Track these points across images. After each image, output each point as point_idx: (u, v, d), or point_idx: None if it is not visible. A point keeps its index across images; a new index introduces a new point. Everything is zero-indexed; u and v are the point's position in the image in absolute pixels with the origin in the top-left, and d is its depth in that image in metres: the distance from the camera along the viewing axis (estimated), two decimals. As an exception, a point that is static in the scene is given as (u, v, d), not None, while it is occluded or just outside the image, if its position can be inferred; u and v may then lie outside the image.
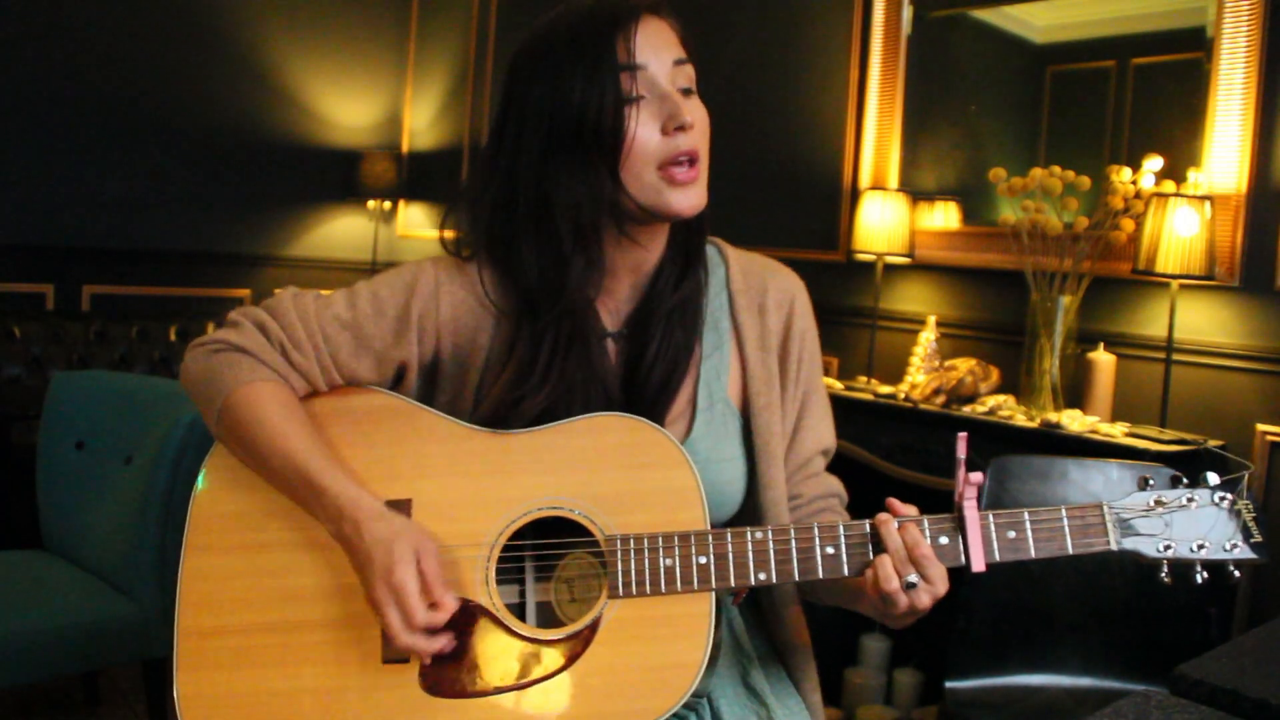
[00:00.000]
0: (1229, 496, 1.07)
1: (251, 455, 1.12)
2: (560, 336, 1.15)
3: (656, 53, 1.11)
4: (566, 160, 1.11)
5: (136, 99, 4.39)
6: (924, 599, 1.05)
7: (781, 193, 3.52)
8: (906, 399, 2.79)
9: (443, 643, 1.05)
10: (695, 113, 1.13)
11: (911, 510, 1.09)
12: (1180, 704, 1.00)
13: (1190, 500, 1.07)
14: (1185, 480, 1.09)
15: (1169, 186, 2.51)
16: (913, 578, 1.04)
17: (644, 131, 1.10)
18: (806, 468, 1.27)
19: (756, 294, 1.26)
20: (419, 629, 1.03)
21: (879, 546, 1.07)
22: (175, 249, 4.58)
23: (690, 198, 1.13)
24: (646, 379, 1.18)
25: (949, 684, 2.01)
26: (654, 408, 1.17)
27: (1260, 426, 2.48)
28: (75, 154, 4.27)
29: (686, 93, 1.14)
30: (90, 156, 4.31)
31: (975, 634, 2.04)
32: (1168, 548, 1.06)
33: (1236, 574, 1.07)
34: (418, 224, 5.15)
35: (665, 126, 1.10)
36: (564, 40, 1.11)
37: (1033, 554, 1.06)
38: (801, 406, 1.26)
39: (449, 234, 1.24)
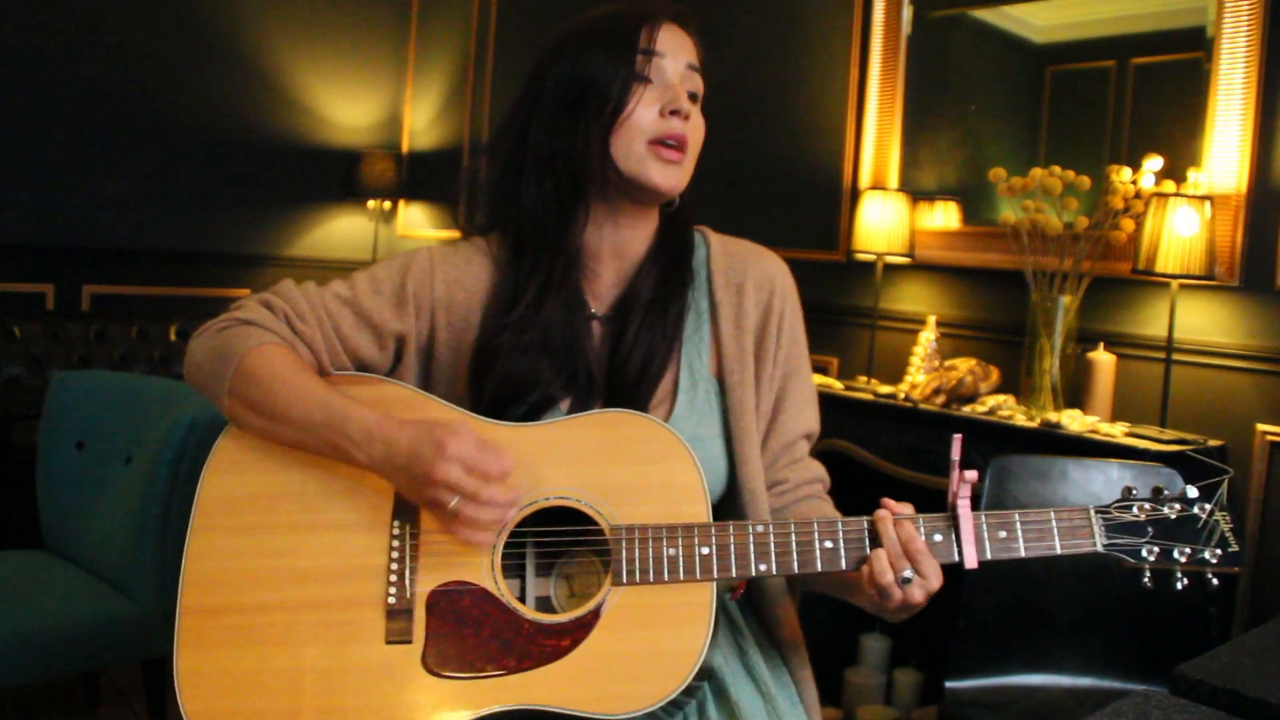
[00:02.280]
0: (1209, 506, 1.11)
1: (268, 416, 1.14)
2: (551, 281, 1.21)
3: (674, 51, 1.21)
4: (571, 118, 1.19)
5: (137, 99, 4.39)
6: (917, 594, 1.09)
7: (781, 193, 3.52)
8: (906, 399, 2.79)
9: (514, 496, 1.09)
10: (693, 115, 1.21)
11: (907, 509, 1.13)
12: (1180, 704, 1.00)
13: (1170, 508, 1.11)
14: (1166, 490, 1.13)
15: (1169, 186, 2.51)
16: (907, 573, 1.08)
17: (643, 108, 1.18)
18: (790, 452, 1.30)
19: (736, 273, 1.29)
20: (494, 479, 1.06)
21: (876, 542, 1.10)
22: (175, 249, 4.58)
23: (670, 176, 1.20)
24: (624, 366, 1.22)
25: (949, 684, 2.01)
26: (635, 393, 1.21)
27: (1260, 426, 2.48)
28: (75, 154, 4.27)
29: (692, 97, 1.22)
30: (90, 156, 4.31)
31: (975, 634, 2.04)
32: (1150, 553, 1.10)
33: (1215, 582, 1.10)
34: (418, 224, 5.15)
35: (663, 109, 1.19)
36: (593, 27, 1.21)
37: (1022, 553, 1.10)
38: (782, 389, 1.29)
39: (460, 222, 1.32)
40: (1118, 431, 2.43)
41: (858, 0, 3.31)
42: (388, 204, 5.12)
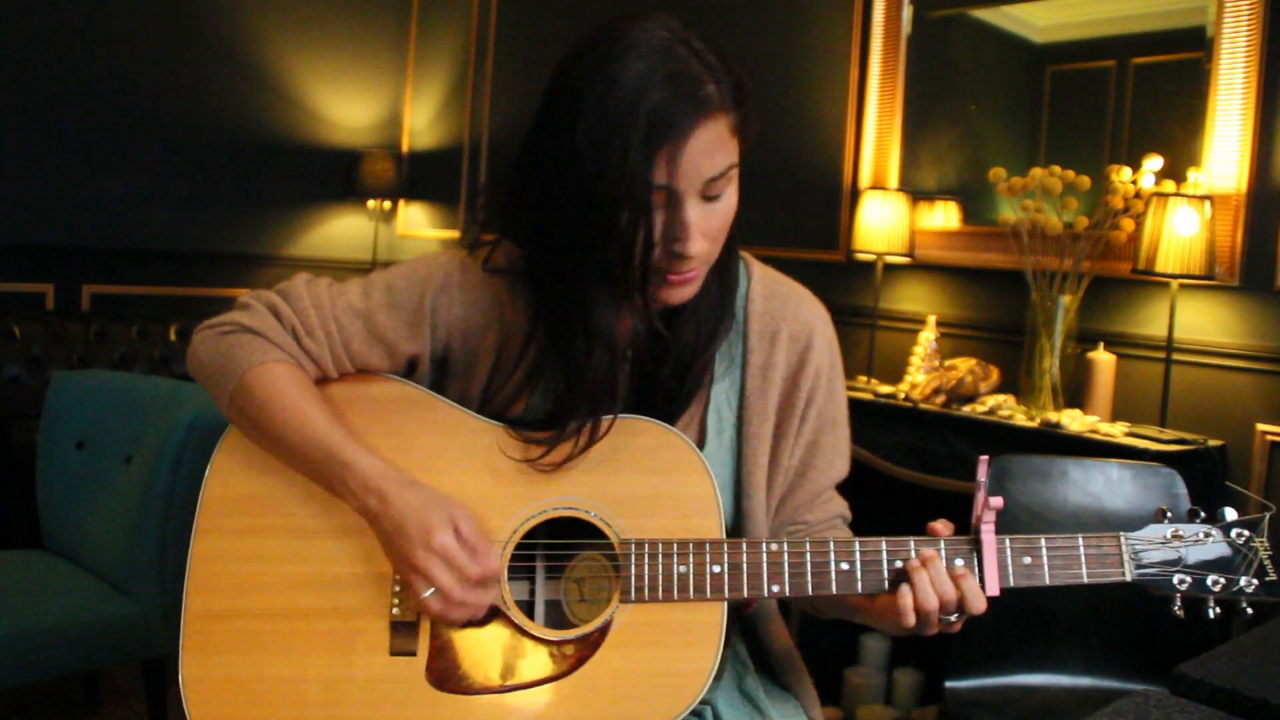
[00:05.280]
0: (1247, 534, 1.07)
1: (267, 436, 1.11)
2: (579, 362, 1.10)
3: (695, 173, 1.03)
4: (579, 237, 1.05)
5: (136, 99, 4.39)
6: (957, 625, 1.07)
7: (781, 193, 3.52)
8: (906, 399, 2.79)
9: (492, 595, 1.06)
10: (711, 220, 1.06)
11: (947, 530, 1.08)
12: (1180, 704, 1.00)
13: (1208, 535, 1.07)
14: (1203, 514, 1.08)
15: (1169, 186, 2.51)
16: (952, 616, 1.06)
17: (648, 240, 1.03)
18: (816, 498, 1.25)
19: (772, 320, 1.22)
20: (474, 583, 1.04)
21: (894, 567, 1.07)
22: (175, 249, 4.58)
23: (678, 295, 1.10)
24: (651, 404, 1.17)
25: (949, 684, 2.01)
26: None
27: (1260, 426, 2.48)
28: (75, 154, 4.27)
29: (711, 199, 1.06)
30: (90, 156, 4.31)
31: (975, 634, 2.03)
32: (1182, 582, 1.06)
33: (1249, 611, 1.07)
34: (418, 224, 5.15)
35: (668, 245, 1.05)
36: (621, 104, 1.00)
37: (1047, 581, 1.06)
38: (814, 443, 1.23)
39: (467, 233, 1.23)
40: (1118, 431, 2.43)
41: (858, 0, 3.31)
42: (388, 204, 5.12)
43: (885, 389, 2.93)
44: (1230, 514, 1.08)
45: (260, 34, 4.71)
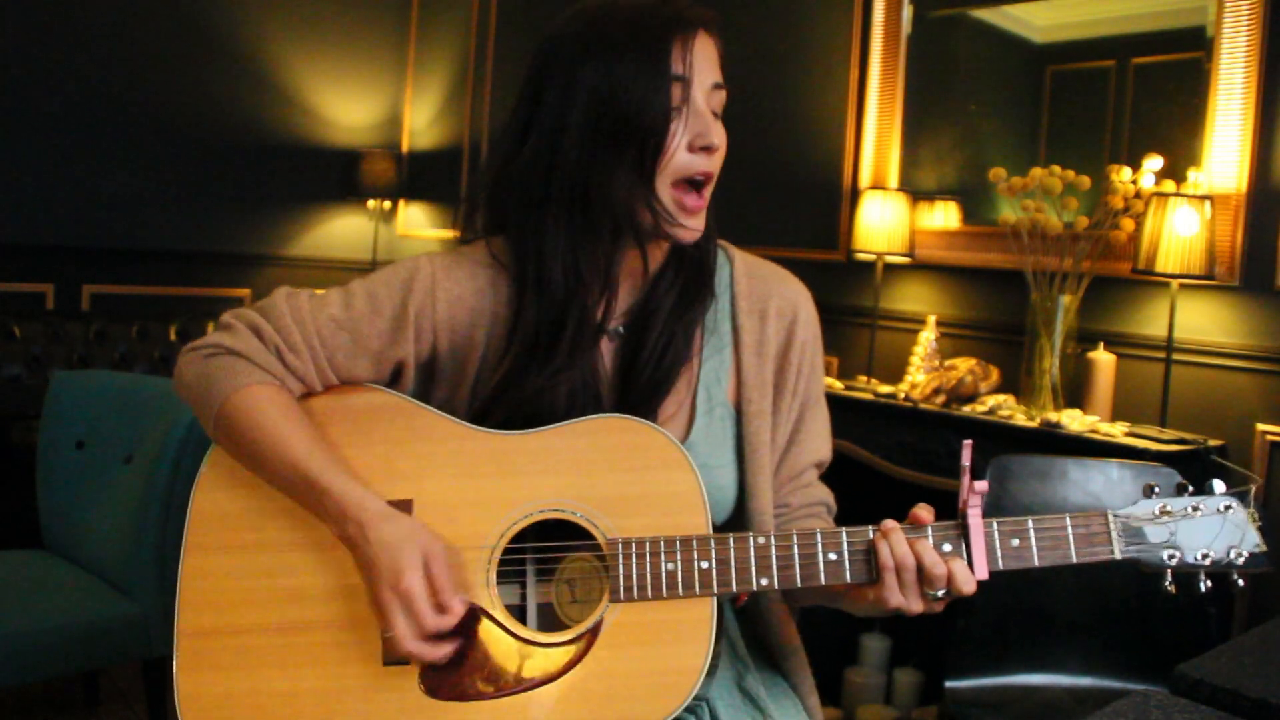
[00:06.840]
0: (1234, 505, 1.07)
1: (250, 460, 1.11)
2: (588, 327, 1.14)
3: (702, 70, 1.13)
4: (612, 154, 1.10)
5: (136, 99, 4.39)
6: (937, 606, 1.07)
7: (781, 193, 3.52)
8: (906, 399, 2.79)
9: (447, 650, 1.05)
10: (719, 138, 1.15)
11: (928, 515, 1.08)
12: (1180, 704, 1.00)
13: (1196, 509, 1.07)
14: (1190, 488, 1.08)
15: (1169, 186, 2.51)
16: (939, 592, 1.05)
17: (677, 144, 1.11)
18: (799, 479, 1.26)
19: (759, 299, 1.25)
20: (425, 636, 1.03)
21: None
22: (175, 249, 4.58)
23: (693, 227, 1.14)
24: (638, 378, 1.17)
25: (949, 684, 2.01)
26: (646, 406, 1.17)
27: (1260, 426, 2.48)
28: (75, 154, 4.27)
29: (715, 116, 1.15)
30: (90, 156, 4.31)
31: (975, 634, 2.04)
32: (1172, 556, 1.06)
33: (1240, 582, 1.06)
34: (418, 224, 5.15)
35: (693, 143, 1.12)
36: (623, 27, 1.10)
37: (1036, 563, 1.06)
38: (799, 419, 1.25)
39: (457, 229, 1.24)
40: (1118, 431, 2.43)
41: (858, 0, 3.31)
42: (388, 204, 5.12)
43: (885, 389, 2.93)
44: (1219, 486, 1.08)
45: (260, 34, 4.71)
